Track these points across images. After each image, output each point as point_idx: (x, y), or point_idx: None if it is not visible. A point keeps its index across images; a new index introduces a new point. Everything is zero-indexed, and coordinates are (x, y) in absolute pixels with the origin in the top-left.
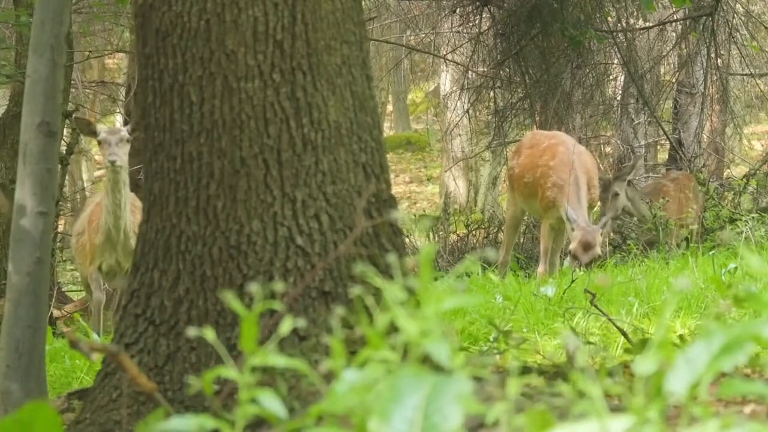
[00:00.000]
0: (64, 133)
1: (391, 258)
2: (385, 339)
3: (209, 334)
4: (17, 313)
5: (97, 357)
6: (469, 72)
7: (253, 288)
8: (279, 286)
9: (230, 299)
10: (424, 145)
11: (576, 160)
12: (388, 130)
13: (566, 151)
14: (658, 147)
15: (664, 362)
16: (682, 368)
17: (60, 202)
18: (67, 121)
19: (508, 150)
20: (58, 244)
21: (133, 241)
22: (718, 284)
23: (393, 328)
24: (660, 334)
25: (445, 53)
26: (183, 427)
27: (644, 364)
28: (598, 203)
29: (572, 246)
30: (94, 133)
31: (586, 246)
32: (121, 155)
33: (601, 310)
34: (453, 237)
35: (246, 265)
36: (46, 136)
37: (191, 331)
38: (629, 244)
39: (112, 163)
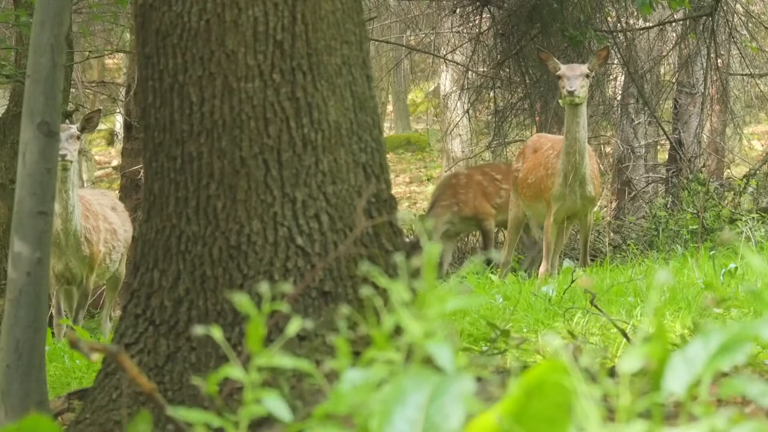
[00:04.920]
0: None
1: (397, 258)
2: (390, 339)
3: (216, 332)
4: (17, 313)
5: (96, 357)
6: (469, 72)
7: (263, 288)
8: (286, 287)
9: (239, 299)
10: (424, 145)
11: None
12: (388, 130)
13: None
14: (658, 147)
15: (650, 360)
16: (680, 367)
17: None
18: (67, 121)
19: (508, 150)
20: None
21: (84, 248)
22: (716, 287)
23: (396, 329)
24: (644, 332)
25: (445, 53)
26: (192, 417)
27: (629, 362)
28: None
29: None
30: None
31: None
32: (72, 150)
33: (601, 310)
34: None
35: (246, 265)
36: (46, 136)
37: (197, 330)
38: (629, 245)
39: (63, 157)
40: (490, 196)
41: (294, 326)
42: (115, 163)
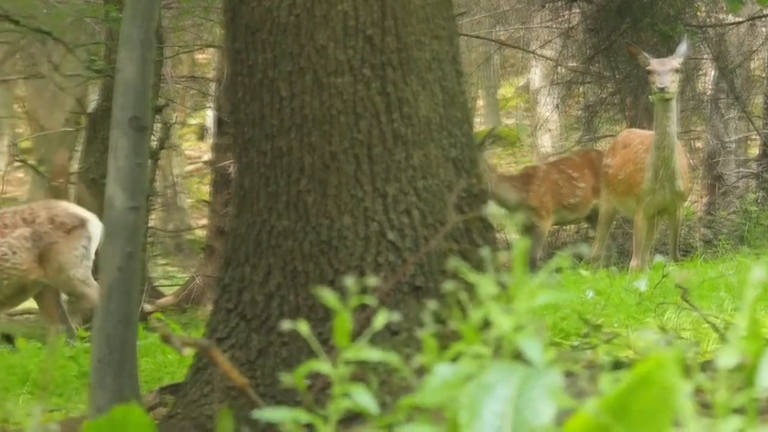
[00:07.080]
0: (155, 127)
1: (484, 252)
2: (479, 334)
3: (303, 327)
4: (108, 308)
5: (188, 352)
6: (559, 67)
7: (348, 282)
8: (371, 280)
9: (324, 294)
10: (513, 140)
11: None
12: (478, 125)
13: None
14: (749, 142)
15: (747, 355)
16: None
17: (151, 197)
18: (157, 115)
19: (598, 145)
20: (149, 239)
21: None
22: None
23: (486, 324)
24: (742, 326)
25: (535, 48)
26: (277, 417)
27: (726, 357)
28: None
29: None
30: None
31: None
32: None
33: (692, 305)
34: None
35: (337, 260)
36: (136, 131)
37: (285, 325)
38: (720, 240)
39: None
40: (564, 196)
41: (380, 319)
42: (205, 158)
